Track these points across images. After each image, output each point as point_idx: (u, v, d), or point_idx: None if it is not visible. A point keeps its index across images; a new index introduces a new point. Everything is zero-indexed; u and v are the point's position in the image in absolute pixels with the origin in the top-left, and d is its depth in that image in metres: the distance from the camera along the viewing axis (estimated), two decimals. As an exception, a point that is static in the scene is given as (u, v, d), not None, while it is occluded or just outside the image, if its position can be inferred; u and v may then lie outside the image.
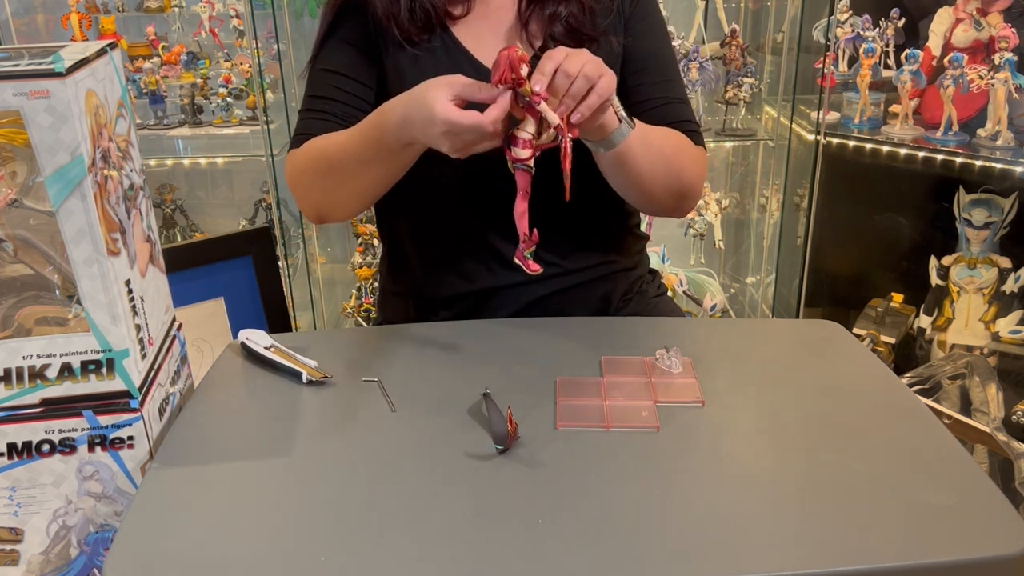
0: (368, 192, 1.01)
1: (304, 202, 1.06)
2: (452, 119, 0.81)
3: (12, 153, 0.70)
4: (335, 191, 1.01)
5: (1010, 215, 1.89)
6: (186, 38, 2.26)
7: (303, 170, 1.02)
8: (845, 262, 2.26)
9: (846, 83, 2.08)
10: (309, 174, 1.01)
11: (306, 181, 1.02)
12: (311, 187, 1.02)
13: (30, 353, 0.76)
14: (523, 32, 1.03)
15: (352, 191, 1.00)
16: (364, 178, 0.98)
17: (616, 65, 1.01)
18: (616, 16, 1.03)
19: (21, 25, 2.19)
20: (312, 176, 1.01)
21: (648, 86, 1.04)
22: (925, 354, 1.99)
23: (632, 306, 1.12)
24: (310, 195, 1.04)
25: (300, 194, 1.05)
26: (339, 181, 0.99)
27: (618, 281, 1.11)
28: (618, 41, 1.02)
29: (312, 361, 0.89)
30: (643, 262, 1.18)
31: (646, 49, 1.04)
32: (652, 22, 1.06)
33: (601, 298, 1.09)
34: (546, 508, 0.67)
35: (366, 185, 0.99)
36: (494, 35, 1.04)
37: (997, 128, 1.80)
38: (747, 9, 2.29)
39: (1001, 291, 1.91)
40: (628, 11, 1.04)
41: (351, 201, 1.03)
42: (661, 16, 1.08)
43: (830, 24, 1.95)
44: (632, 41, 1.03)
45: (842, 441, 0.76)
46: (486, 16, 1.04)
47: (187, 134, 2.20)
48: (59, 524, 0.81)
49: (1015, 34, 1.75)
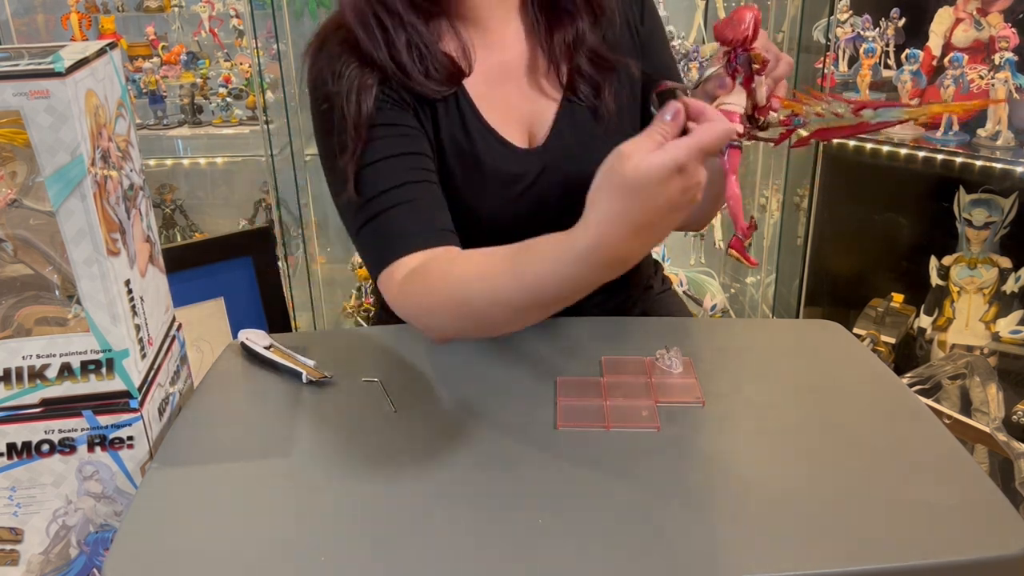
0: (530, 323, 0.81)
1: (431, 332, 0.87)
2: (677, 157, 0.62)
3: (12, 153, 0.70)
4: (484, 332, 0.87)
5: (1010, 215, 1.89)
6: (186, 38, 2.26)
7: (432, 310, 0.83)
8: (845, 262, 2.26)
9: (846, 83, 2.08)
10: (444, 316, 0.82)
11: (439, 322, 0.83)
12: (445, 326, 0.84)
13: (30, 353, 0.76)
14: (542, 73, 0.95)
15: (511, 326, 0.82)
16: (532, 318, 0.78)
17: (636, 89, 1.00)
18: (631, 40, 1.00)
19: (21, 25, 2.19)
20: (450, 319, 0.82)
21: None
22: (925, 354, 1.99)
23: (641, 305, 1.12)
24: (443, 330, 0.85)
25: (423, 325, 0.86)
26: (493, 327, 0.83)
27: (629, 299, 1.11)
28: (637, 67, 0.99)
29: (311, 361, 0.89)
30: (648, 264, 1.17)
31: (661, 63, 1.03)
32: (660, 35, 1.05)
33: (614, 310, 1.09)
34: (547, 508, 0.67)
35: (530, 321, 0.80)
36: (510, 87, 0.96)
37: (997, 128, 1.80)
38: (747, 9, 2.28)
39: (1001, 291, 1.91)
40: (642, 33, 1.01)
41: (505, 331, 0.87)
42: (662, 22, 1.07)
43: (830, 24, 1.95)
44: (648, 58, 1.01)
45: (843, 442, 0.76)
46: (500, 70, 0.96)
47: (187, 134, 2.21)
48: (59, 524, 0.81)
49: (1015, 34, 1.75)
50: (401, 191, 0.87)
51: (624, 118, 0.97)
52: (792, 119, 0.73)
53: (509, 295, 0.73)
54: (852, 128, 0.71)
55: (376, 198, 0.87)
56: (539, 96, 0.96)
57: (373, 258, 0.88)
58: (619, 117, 0.96)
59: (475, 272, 0.78)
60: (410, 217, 0.87)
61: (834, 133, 0.73)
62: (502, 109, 0.95)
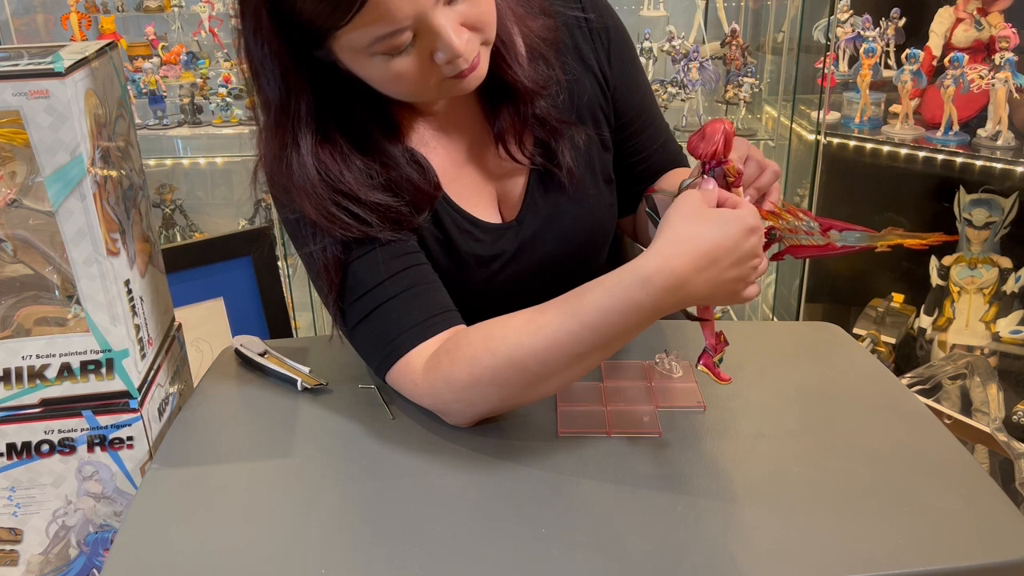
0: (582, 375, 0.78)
1: (469, 411, 0.79)
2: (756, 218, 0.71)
3: (12, 153, 0.70)
4: (533, 393, 0.78)
5: (1010, 215, 1.89)
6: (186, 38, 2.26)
7: (476, 383, 0.76)
8: (845, 262, 2.26)
9: (846, 83, 2.08)
10: (489, 386, 0.76)
11: (483, 395, 0.77)
12: (489, 397, 0.77)
13: (30, 353, 0.76)
14: (498, 146, 0.90)
15: (566, 378, 0.76)
16: (591, 362, 0.76)
17: (595, 151, 0.94)
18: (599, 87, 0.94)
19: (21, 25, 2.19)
20: (496, 388, 0.76)
21: (646, 137, 0.98)
22: (925, 354, 1.99)
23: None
24: (486, 402, 0.78)
25: (464, 403, 0.78)
26: (547, 384, 0.76)
27: None
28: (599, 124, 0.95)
29: (307, 368, 0.89)
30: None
31: (637, 104, 0.97)
32: (633, 73, 0.97)
33: None
34: (549, 516, 0.67)
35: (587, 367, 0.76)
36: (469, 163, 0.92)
37: (997, 128, 1.80)
38: (747, 9, 2.29)
39: (1002, 291, 1.91)
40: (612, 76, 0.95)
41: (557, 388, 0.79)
42: (636, 56, 0.99)
43: (830, 24, 1.95)
44: (622, 98, 0.96)
45: (845, 445, 0.76)
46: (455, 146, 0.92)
47: (186, 134, 2.20)
48: (59, 524, 0.81)
49: (1015, 34, 1.75)
50: (397, 279, 0.83)
51: (587, 181, 0.93)
52: (769, 232, 0.76)
53: (569, 339, 0.72)
54: (821, 249, 0.75)
55: (370, 292, 0.82)
56: (505, 171, 0.92)
57: (381, 354, 0.82)
58: (583, 180, 0.92)
59: (524, 328, 0.74)
60: (416, 304, 0.82)
61: (806, 251, 0.77)
62: (469, 189, 0.91)
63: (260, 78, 0.78)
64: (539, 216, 0.92)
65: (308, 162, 0.79)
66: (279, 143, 0.80)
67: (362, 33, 0.72)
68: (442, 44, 0.73)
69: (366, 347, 0.84)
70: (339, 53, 0.76)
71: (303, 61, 0.77)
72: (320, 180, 0.80)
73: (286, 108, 0.79)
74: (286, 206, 0.83)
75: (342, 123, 0.82)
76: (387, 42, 0.72)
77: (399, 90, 0.79)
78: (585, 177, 0.92)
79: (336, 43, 0.75)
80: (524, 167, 0.91)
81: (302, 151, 0.80)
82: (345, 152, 0.82)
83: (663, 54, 2.07)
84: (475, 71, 0.78)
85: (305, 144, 0.80)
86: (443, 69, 0.76)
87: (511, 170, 0.92)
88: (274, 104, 0.79)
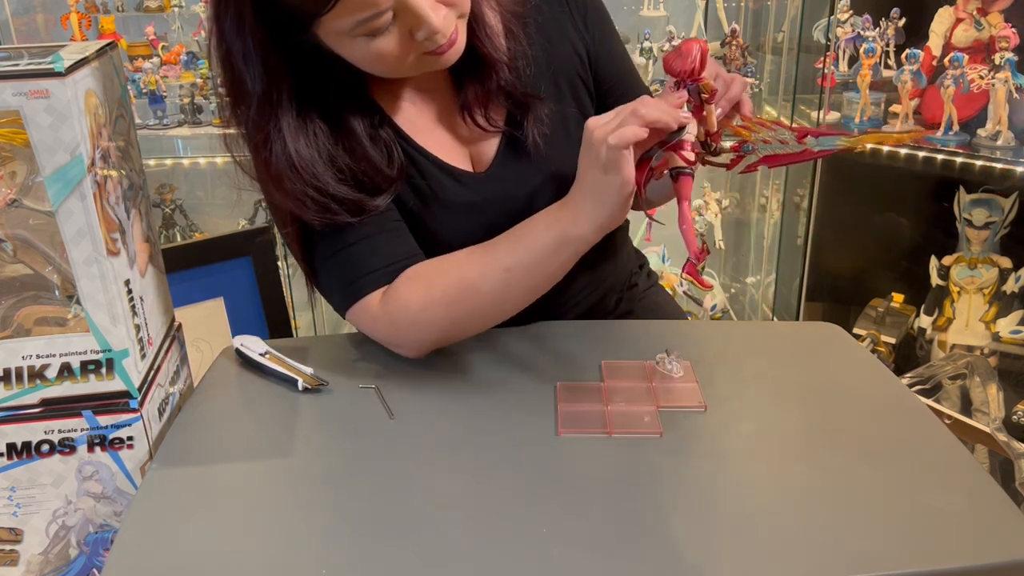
0: (532, 298, 0.88)
1: (418, 347, 0.90)
2: None
3: (12, 153, 0.70)
4: (482, 322, 0.89)
5: (1010, 215, 1.89)
6: (186, 38, 2.26)
7: (426, 306, 0.86)
8: (845, 262, 2.26)
9: (846, 83, 2.08)
10: (438, 309, 0.86)
11: (432, 316, 0.86)
12: (438, 319, 0.87)
13: (30, 353, 0.76)
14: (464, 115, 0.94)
15: (511, 312, 0.88)
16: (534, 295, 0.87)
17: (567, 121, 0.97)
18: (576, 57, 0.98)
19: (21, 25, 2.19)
20: (444, 309, 0.86)
21: None
22: (925, 354, 1.99)
23: (624, 303, 1.12)
24: (431, 336, 0.89)
25: (416, 336, 0.89)
26: (495, 308, 0.87)
27: (610, 291, 1.10)
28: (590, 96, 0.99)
29: (308, 368, 0.89)
30: (630, 259, 1.15)
31: (616, 71, 1.01)
32: (610, 39, 1.01)
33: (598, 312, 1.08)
34: (550, 516, 0.67)
35: (531, 300, 0.87)
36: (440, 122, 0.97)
37: (997, 128, 1.80)
38: (747, 9, 2.29)
39: (1002, 291, 1.91)
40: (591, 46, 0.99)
41: (498, 321, 0.90)
42: (612, 25, 1.03)
43: (830, 24, 1.95)
44: (602, 66, 1.00)
45: (845, 445, 0.76)
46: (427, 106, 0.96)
47: (186, 134, 2.20)
48: (59, 524, 0.81)
49: (1015, 34, 1.75)
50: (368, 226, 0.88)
51: (553, 150, 0.95)
52: (742, 145, 0.78)
53: (506, 260, 0.84)
54: (797, 155, 0.76)
55: (335, 235, 0.88)
56: (477, 135, 0.96)
57: (342, 293, 0.90)
58: (551, 151, 0.94)
59: (473, 254, 0.86)
60: (381, 249, 0.89)
61: (780, 160, 0.77)
62: (445, 145, 0.95)
63: (242, 74, 0.81)
64: (509, 172, 0.95)
65: (290, 150, 0.84)
66: (262, 136, 0.84)
67: (344, 19, 0.76)
68: (421, 22, 0.77)
69: (328, 286, 0.91)
70: (322, 37, 0.80)
71: (284, 49, 0.81)
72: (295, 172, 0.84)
73: (269, 98, 0.82)
74: None
75: (319, 106, 0.86)
76: (368, 24, 0.77)
77: (380, 68, 0.83)
78: (559, 146, 0.95)
79: (319, 28, 0.79)
80: (494, 133, 0.96)
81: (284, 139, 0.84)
82: (320, 140, 0.86)
83: (663, 54, 2.08)
84: (454, 46, 0.82)
85: (287, 132, 0.84)
86: (423, 45, 0.80)
87: (483, 134, 0.96)
88: (256, 97, 0.82)
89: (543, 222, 0.83)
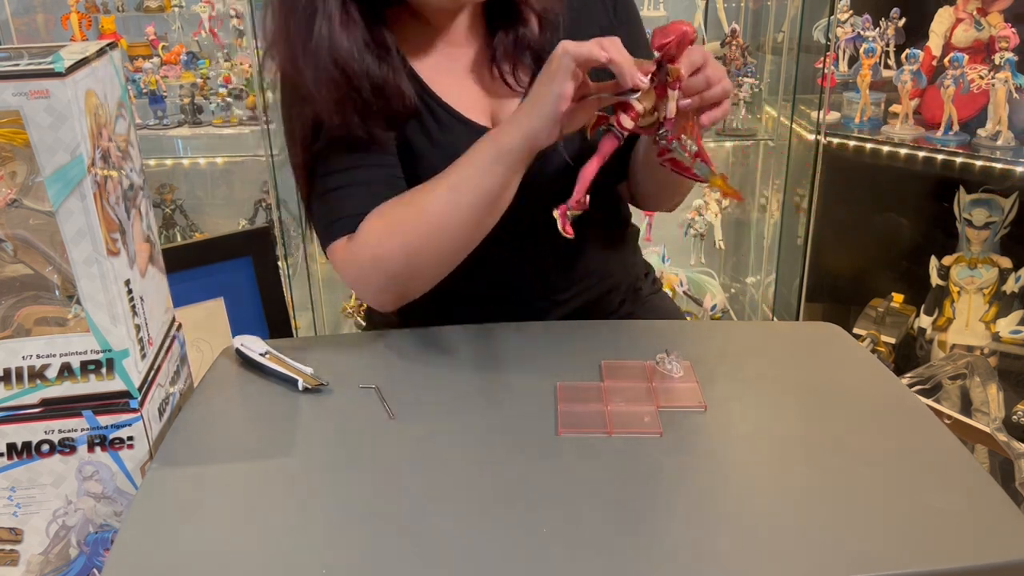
0: (479, 239, 0.91)
1: (383, 288, 0.94)
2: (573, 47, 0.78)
3: (12, 153, 0.70)
4: (434, 250, 0.90)
5: (1010, 215, 1.89)
6: (186, 38, 2.26)
7: (379, 242, 0.90)
8: (845, 262, 2.26)
9: (846, 83, 2.08)
10: (396, 240, 0.90)
11: (386, 253, 0.90)
12: (392, 259, 0.91)
13: (30, 353, 0.76)
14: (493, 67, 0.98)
15: (460, 239, 0.90)
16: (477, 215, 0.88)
17: None
18: None
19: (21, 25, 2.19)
20: (400, 241, 0.90)
21: None
22: (925, 354, 1.99)
23: (627, 306, 1.12)
24: (390, 271, 0.92)
25: (378, 275, 0.93)
26: (443, 233, 0.89)
27: (615, 290, 1.11)
28: None
29: (308, 368, 0.89)
30: (637, 264, 1.17)
31: None
32: (638, 34, 1.04)
33: (598, 311, 1.09)
34: (550, 516, 0.67)
35: (483, 227, 0.89)
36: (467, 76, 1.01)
37: (997, 128, 1.80)
38: (747, 9, 2.29)
39: (1001, 291, 1.91)
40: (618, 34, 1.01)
41: (451, 256, 0.92)
42: (640, 20, 1.06)
43: (830, 24, 1.95)
44: None
45: (845, 445, 0.76)
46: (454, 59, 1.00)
47: (187, 134, 2.20)
48: (59, 524, 0.81)
49: (1015, 34, 1.75)
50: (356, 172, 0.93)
51: None
52: (671, 141, 0.81)
53: (452, 178, 0.87)
54: (686, 170, 0.82)
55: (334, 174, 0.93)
56: (501, 92, 0.99)
57: (325, 231, 0.95)
58: None
59: (427, 184, 0.90)
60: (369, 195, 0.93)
61: (679, 167, 0.83)
62: (466, 98, 0.98)
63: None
64: None
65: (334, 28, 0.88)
66: (307, 29, 0.88)
67: None
68: None
69: (316, 224, 0.97)
70: None
71: None
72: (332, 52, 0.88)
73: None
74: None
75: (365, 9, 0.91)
76: None
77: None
78: None
79: None
80: (518, 93, 0.98)
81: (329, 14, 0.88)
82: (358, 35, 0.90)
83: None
84: None
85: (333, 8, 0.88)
86: None
87: (506, 93, 0.99)
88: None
89: (484, 138, 0.87)
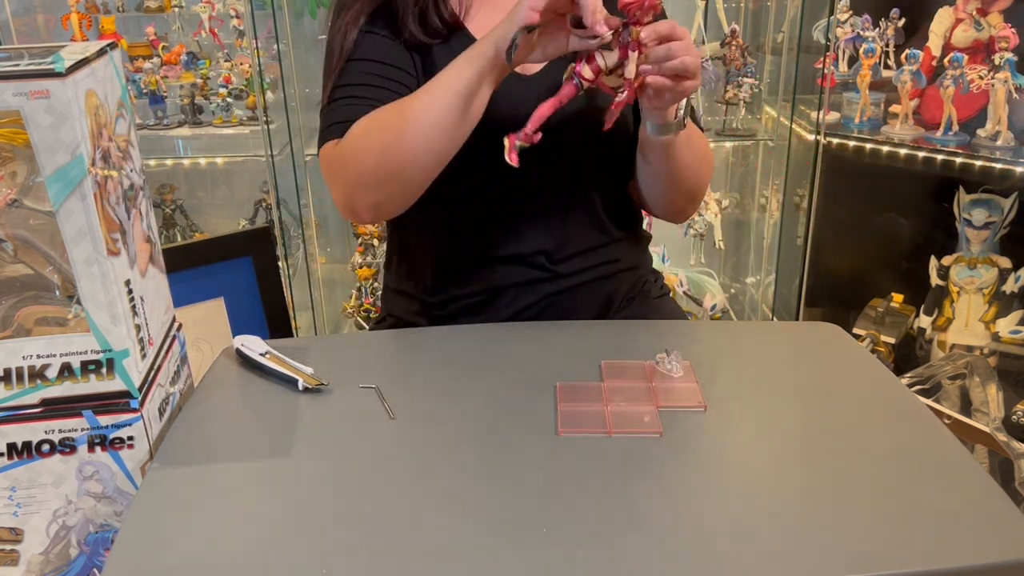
0: (449, 148, 0.94)
1: (358, 185, 0.97)
2: None
3: (12, 153, 0.70)
4: (408, 147, 0.93)
5: (1010, 215, 1.89)
6: (186, 38, 2.26)
7: (359, 139, 0.95)
8: (845, 262, 2.26)
9: (846, 83, 2.08)
10: (373, 136, 0.95)
11: (364, 148, 0.95)
12: (368, 154, 0.95)
13: (30, 353, 0.76)
14: None
15: (432, 139, 0.93)
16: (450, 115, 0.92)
17: None
18: None
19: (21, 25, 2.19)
20: (377, 138, 0.94)
21: None
22: (925, 354, 1.99)
23: (634, 307, 1.12)
24: (366, 166, 0.96)
25: (355, 171, 0.97)
26: (416, 130, 0.93)
27: (621, 281, 1.11)
28: None
29: (309, 368, 0.89)
30: (646, 262, 1.18)
31: None
32: None
33: (604, 298, 1.09)
34: (550, 516, 0.67)
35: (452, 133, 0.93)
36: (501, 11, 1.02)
37: (997, 128, 1.80)
38: (747, 9, 2.29)
39: (1001, 291, 1.91)
40: None
41: (424, 157, 0.94)
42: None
43: (830, 24, 1.95)
44: None
45: (844, 445, 0.76)
46: (495, 8, 1.04)
47: (187, 134, 2.21)
48: (59, 524, 0.81)
49: (1015, 34, 1.75)
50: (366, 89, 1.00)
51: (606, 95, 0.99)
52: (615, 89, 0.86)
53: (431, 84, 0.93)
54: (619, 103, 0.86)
55: (344, 87, 1.01)
56: None
57: (322, 132, 1.02)
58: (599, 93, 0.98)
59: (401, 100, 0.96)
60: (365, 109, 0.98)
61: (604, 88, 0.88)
62: None
63: None
64: (547, 83, 0.99)
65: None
66: None
67: None
68: None
69: (321, 121, 1.02)
70: None
71: None
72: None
73: None
74: None
75: None
76: None
77: None
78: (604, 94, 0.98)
79: None
80: None
81: None
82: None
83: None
84: None
85: None
86: None
87: None
88: None
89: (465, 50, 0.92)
